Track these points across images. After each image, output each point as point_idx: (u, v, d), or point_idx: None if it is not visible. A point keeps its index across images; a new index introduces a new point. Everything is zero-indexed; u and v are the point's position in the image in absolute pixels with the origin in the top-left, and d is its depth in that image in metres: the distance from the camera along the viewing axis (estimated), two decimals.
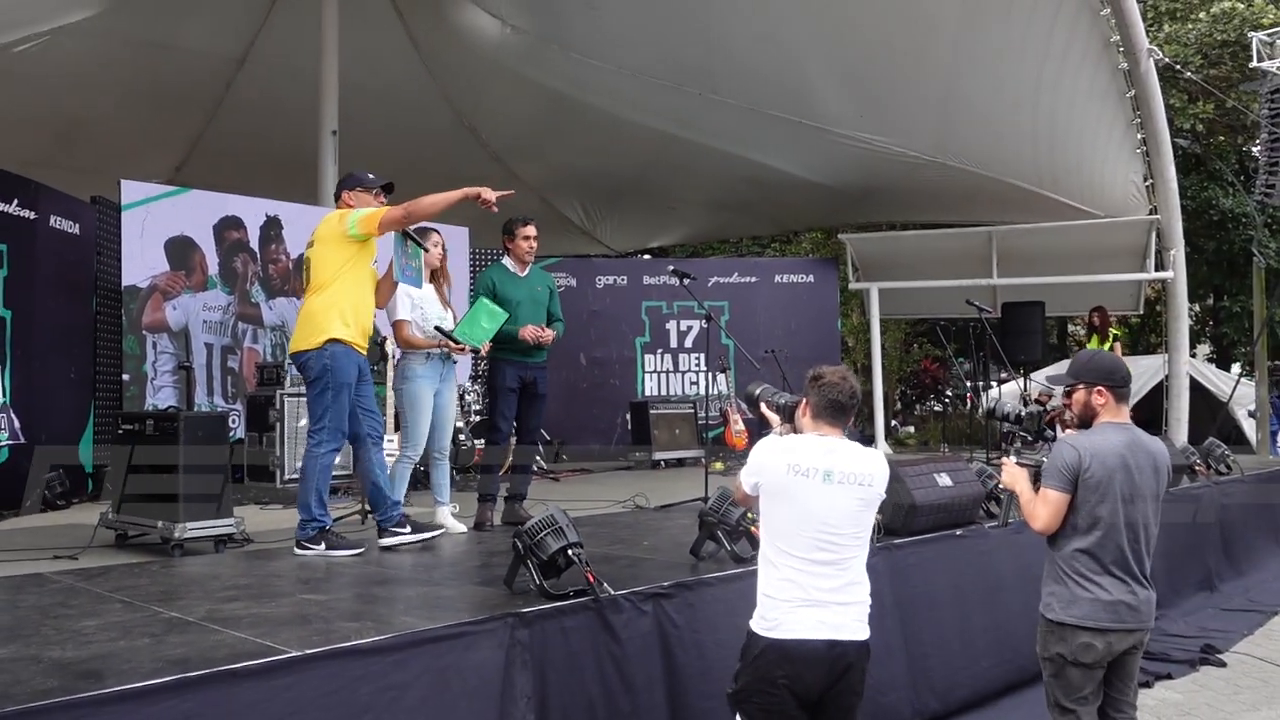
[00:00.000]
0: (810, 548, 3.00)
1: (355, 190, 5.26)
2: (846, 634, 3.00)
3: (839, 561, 3.02)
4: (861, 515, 3.08)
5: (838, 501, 3.02)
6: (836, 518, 3.01)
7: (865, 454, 3.13)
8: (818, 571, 2.99)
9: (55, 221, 8.17)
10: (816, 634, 2.95)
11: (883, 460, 3.15)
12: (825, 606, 2.98)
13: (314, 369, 4.94)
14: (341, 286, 4.98)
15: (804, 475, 3.03)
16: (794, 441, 3.16)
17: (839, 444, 3.12)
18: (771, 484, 3.09)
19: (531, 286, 6.17)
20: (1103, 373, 3.49)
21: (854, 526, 3.05)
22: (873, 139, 11.73)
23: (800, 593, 2.98)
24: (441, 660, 3.15)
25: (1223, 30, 16.39)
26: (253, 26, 11.31)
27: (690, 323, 13.29)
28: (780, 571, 3.02)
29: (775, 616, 3.00)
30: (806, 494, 3.02)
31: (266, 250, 9.91)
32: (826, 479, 3.02)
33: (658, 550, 5.07)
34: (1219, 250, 17.92)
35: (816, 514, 3.00)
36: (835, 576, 3.01)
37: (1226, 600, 7.55)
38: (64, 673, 2.74)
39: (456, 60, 12.23)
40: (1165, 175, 11.52)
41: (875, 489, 3.09)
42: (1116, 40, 10.35)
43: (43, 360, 7.87)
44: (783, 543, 3.04)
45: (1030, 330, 12.34)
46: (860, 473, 3.06)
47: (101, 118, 11.35)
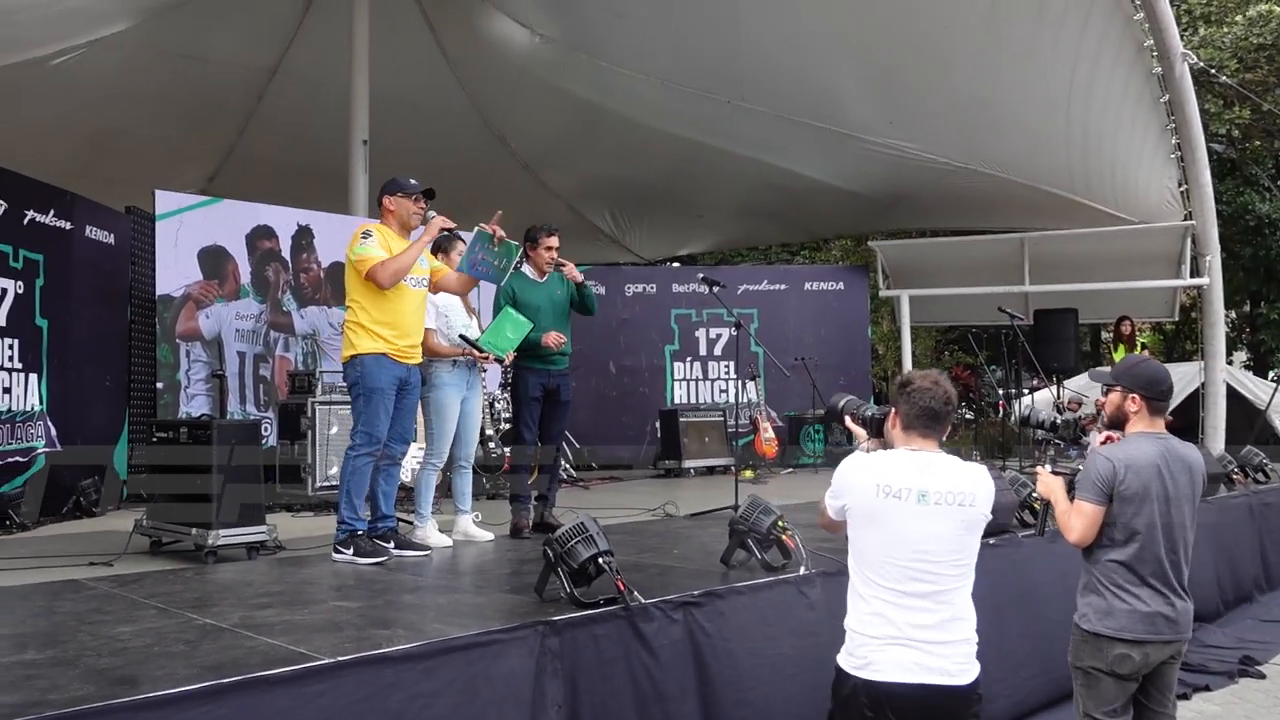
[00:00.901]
0: (903, 578, 2.70)
1: (396, 195, 5.28)
2: (945, 678, 2.67)
3: (937, 594, 2.70)
4: (963, 540, 2.75)
5: (934, 525, 2.71)
6: (933, 544, 2.70)
7: (965, 470, 2.82)
8: (912, 605, 2.69)
9: (91, 232, 8.28)
10: (911, 677, 2.65)
11: (986, 477, 2.83)
12: (921, 646, 2.67)
13: (349, 378, 5.16)
14: (368, 300, 5.08)
15: (896, 496, 2.73)
16: (883, 458, 2.87)
17: (935, 459, 2.81)
18: (859, 507, 2.80)
19: (550, 291, 6.17)
20: (1143, 381, 3.42)
21: (954, 554, 2.73)
22: (903, 145, 11.67)
23: (891, 629, 2.68)
24: (472, 668, 3.15)
25: (1259, 34, 16.21)
26: (284, 38, 11.42)
27: (720, 330, 13.27)
28: (869, 605, 2.74)
29: (864, 654, 2.73)
30: (899, 518, 2.71)
31: (298, 259, 9.98)
32: (921, 500, 2.71)
33: (688, 558, 5.05)
34: (1255, 256, 17.69)
35: (910, 540, 2.70)
36: (933, 611, 2.69)
37: (1266, 611, 7.44)
38: (99, 679, 2.76)
39: (486, 69, 12.29)
40: (1200, 180, 11.38)
41: (978, 509, 2.76)
42: (1150, 44, 10.24)
43: (78, 369, 7.97)
44: (872, 573, 2.75)
45: (1063, 338, 12.22)
46: (960, 491, 2.75)
47: (136, 129, 11.48)
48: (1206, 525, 6.95)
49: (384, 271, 5.02)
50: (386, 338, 5.09)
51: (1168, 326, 20.22)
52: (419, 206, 5.30)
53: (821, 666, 4.13)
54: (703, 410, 12.41)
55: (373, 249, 5.05)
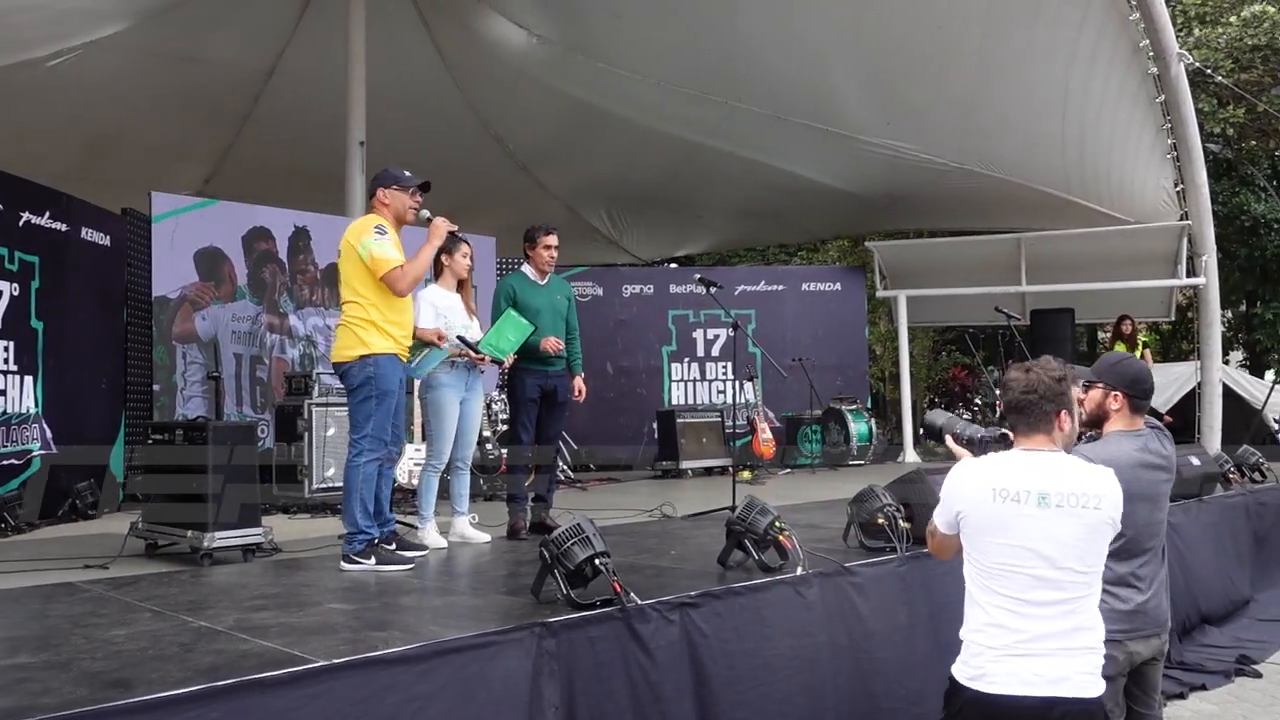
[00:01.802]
0: (1025, 586, 2.54)
1: (391, 188, 5.09)
2: (1069, 689, 2.50)
3: (1062, 602, 2.54)
4: (1089, 545, 2.57)
5: (1058, 529, 2.53)
6: (1057, 548, 2.53)
7: (1089, 471, 2.64)
8: (1034, 614, 2.53)
9: (87, 234, 8.26)
10: (1031, 690, 2.50)
11: (1112, 478, 2.64)
12: (1043, 657, 2.51)
13: (356, 378, 4.89)
14: (380, 297, 4.91)
15: (1014, 500, 2.56)
16: (996, 461, 2.70)
17: (1053, 459, 2.64)
18: (975, 516, 2.63)
19: (551, 295, 6.15)
20: (1126, 379, 3.40)
21: (1080, 559, 2.55)
22: (899, 146, 11.68)
23: (1011, 638, 2.53)
24: (468, 670, 3.14)
25: (1253, 34, 16.24)
26: (280, 39, 11.41)
27: (717, 331, 13.28)
28: (987, 614, 2.59)
29: (980, 665, 2.58)
30: (1018, 522, 2.55)
31: (295, 261, 9.98)
32: (1042, 502, 2.54)
33: (685, 559, 5.04)
34: (1251, 256, 17.72)
35: (1031, 546, 2.54)
36: (1058, 620, 2.53)
37: (1262, 610, 7.43)
38: (93, 682, 2.75)
39: (483, 70, 12.29)
40: (1196, 181, 11.41)
41: (1104, 512, 2.58)
42: (1145, 45, 10.26)
43: (74, 371, 7.95)
44: (990, 580, 2.59)
45: (1060, 337, 12.23)
46: (1083, 493, 2.57)
47: (132, 130, 11.48)
48: (1204, 524, 6.99)
49: (405, 280, 4.91)
50: (397, 337, 4.97)
51: (1164, 326, 20.23)
52: (415, 201, 5.13)
53: (818, 667, 4.15)
54: (700, 411, 12.41)
55: (390, 250, 4.89)
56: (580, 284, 12.96)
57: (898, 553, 4.73)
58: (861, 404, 12.81)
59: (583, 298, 12.82)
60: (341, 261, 5.05)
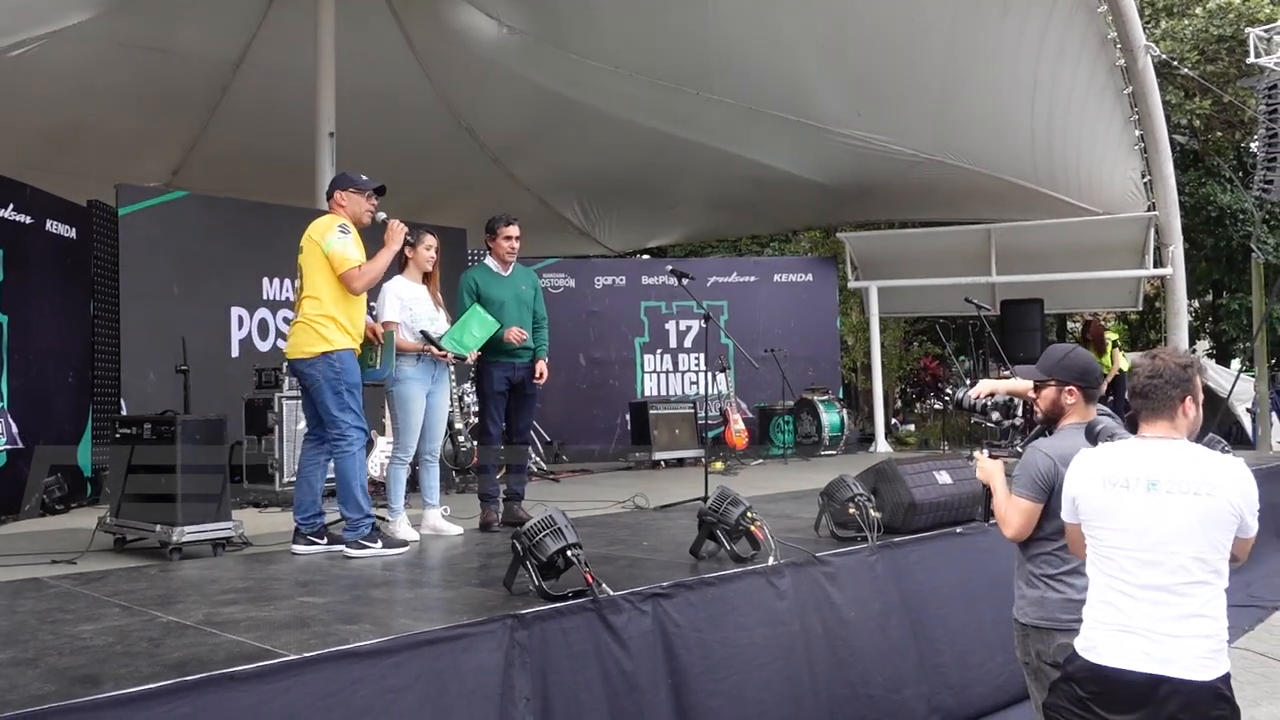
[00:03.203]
0: (1136, 568, 2.56)
1: (348, 191, 5.22)
2: (1178, 669, 2.48)
3: (1175, 587, 2.52)
4: (1205, 533, 2.51)
5: (1167, 514, 2.53)
6: (1168, 534, 2.52)
7: (1205, 457, 2.60)
8: (1145, 597, 2.54)
9: (52, 226, 8.15)
10: (1139, 665, 2.51)
11: (1236, 468, 2.57)
12: (1151, 636, 2.51)
13: (318, 377, 4.97)
14: (339, 295, 5.01)
15: (1123, 487, 2.59)
16: (1109, 449, 2.73)
17: (1170, 445, 2.63)
18: (1089, 506, 2.67)
19: (515, 286, 6.13)
20: (1075, 372, 3.39)
21: (1189, 545, 2.52)
22: (870, 137, 11.73)
23: (1122, 618, 2.57)
24: (440, 662, 3.14)
25: (1219, 26, 16.40)
26: (248, 29, 11.29)
27: (689, 322, 13.30)
28: (1101, 594, 2.64)
29: (1094, 637, 2.63)
30: (1128, 508, 2.58)
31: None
32: (1151, 489, 2.55)
33: (657, 550, 5.05)
34: (1217, 246, 17.93)
35: (1140, 530, 2.55)
36: (1170, 605, 2.52)
37: (1228, 596, 7.53)
38: (61, 677, 2.73)
39: (453, 61, 12.22)
40: (1163, 172, 11.53)
41: (1219, 499, 2.51)
42: (1113, 37, 10.35)
43: (40, 365, 7.85)
44: (1105, 564, 2.64)
45: (1029, 328, 12.34)
46: (1196, 479, 2.53)
47: (98, 122, 11.34)
48: None
49: (362, 281, 5.02)
50: (353, 335, 5.09)
51: (1132, 316, 20.46)
52: (371, 204, 5.26)
53: (792, 655, 4.18)
54: (673, 402, 12.43)
55: (352, 250, 5.01)
56: (552, 275, 12.94)
57: (869, 542, 4.76)
58: (833, 394, 12.87)
59: (555, 289, 12.81)
60: (303, 257, 5.10)
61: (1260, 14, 15.42)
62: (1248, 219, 17.16)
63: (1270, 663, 5.99)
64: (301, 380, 5.11)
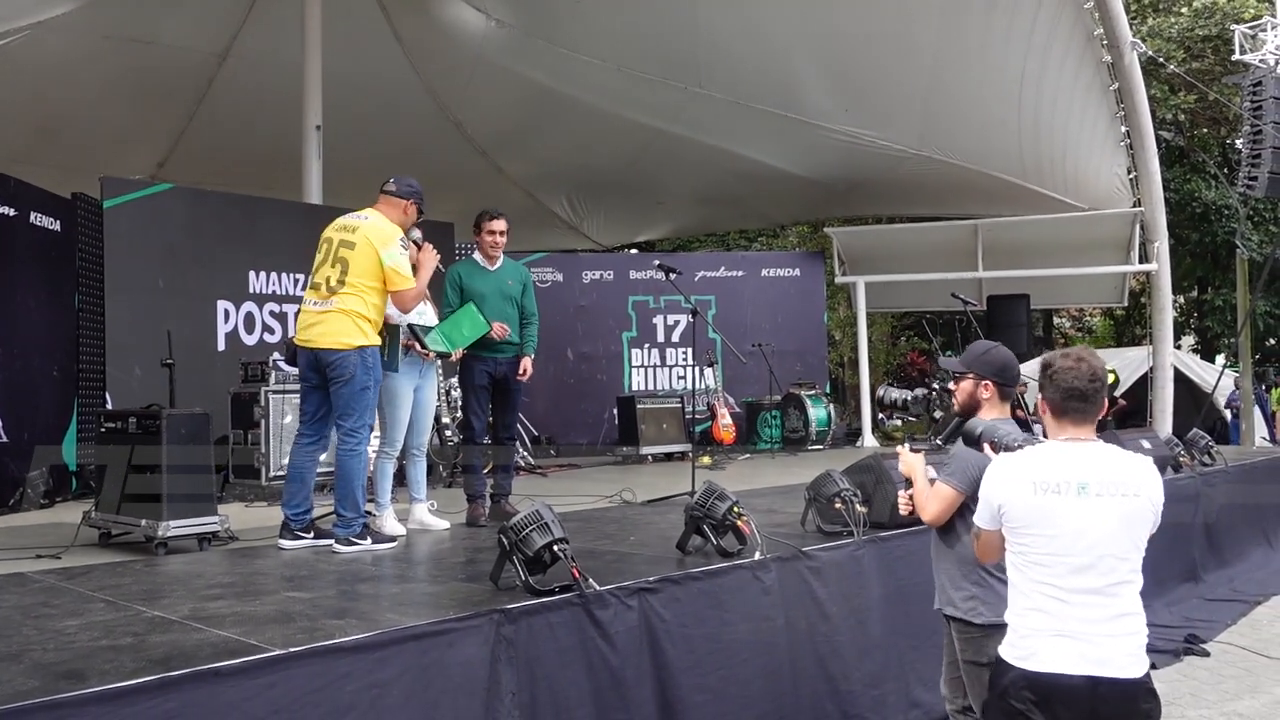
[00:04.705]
0: (1067, 573, 2.57)
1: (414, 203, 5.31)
2: (1114, 669, 2.53)
3: (1106, 589, 2.56)
4: (1130, 533, 2.58)
5: (1098, 517, 2.56)
6: (1098, 537, 2.55)
7: (1128, 459, 2.65)
8: (1079, 601, 2.56)
9: (35, 218, 8.10)
10: (1077, 669, 2.54)
11: (1151, 467, 2.67)
12: (1086, 639, 2.54)
13: (353, 367, 4.95)
14: (381, 301, 5.07)
15: (1054, 491, 2.58)
16: (1036, 453, 2.71)
17: (1093, 448, 2.65)
18: (1017, 511, 2.65)
19: (501, 280, 6.09)
20: (995, 368, 3.43)
21: (1119, 547, 2.57)
22: (858, 133, 11.75)
23: (1055, 623, 2.58)
24: (425, 657, 3.14)
25: (1205, 24, 16.50)
26: (235, 21, 11.24)
27: (677, 317, 13.30)
28: (1030, 600, 2.63)
29: (1028, 645, 2.62)
30: (1060, 513, 2.57)
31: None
32: (1082, 492, 2.57)
33: (644, 545, 5.06)
34: (1202, 242, 18.04)
35: (1073, 535, 2.56)
36: (1103, 606, 2.56)
37: (1210, 590, 7.59)
38: (45, 673, 2.72)
39: (441, 54, 12.19)
40: (1149, 168, 11.58)
41: (1144, 499, 2.59)
42: (1100, 33, 10.39)
43: (24, 359, 7.81)
44: (1033, 570, 2.63)
45: (1016, 323, 12.40)
46: (1123, 481, 2.59)
47: (82, 113, 11.27)
48: None
49: (412, 301, 5.18)
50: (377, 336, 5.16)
51: (1117, 311, 20.55)
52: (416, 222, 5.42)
53: (776, 650, 4.19)
54: (660, 397, 12.43)
55: (409, 268, 5.11)
56: (540, 270, 12.92)
57: (855, 537, 4.78)
58: (820, 389, 12.89)
59: (543, 284, 12.79)
60: (351, 253, 5.02)
61: (1245, 13, 15.50)
62: (1232, 215, 17.26)
63: (1252, 657, 6.04)
64: (329, 370, 4.99)
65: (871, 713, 4.53)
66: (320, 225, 5.35)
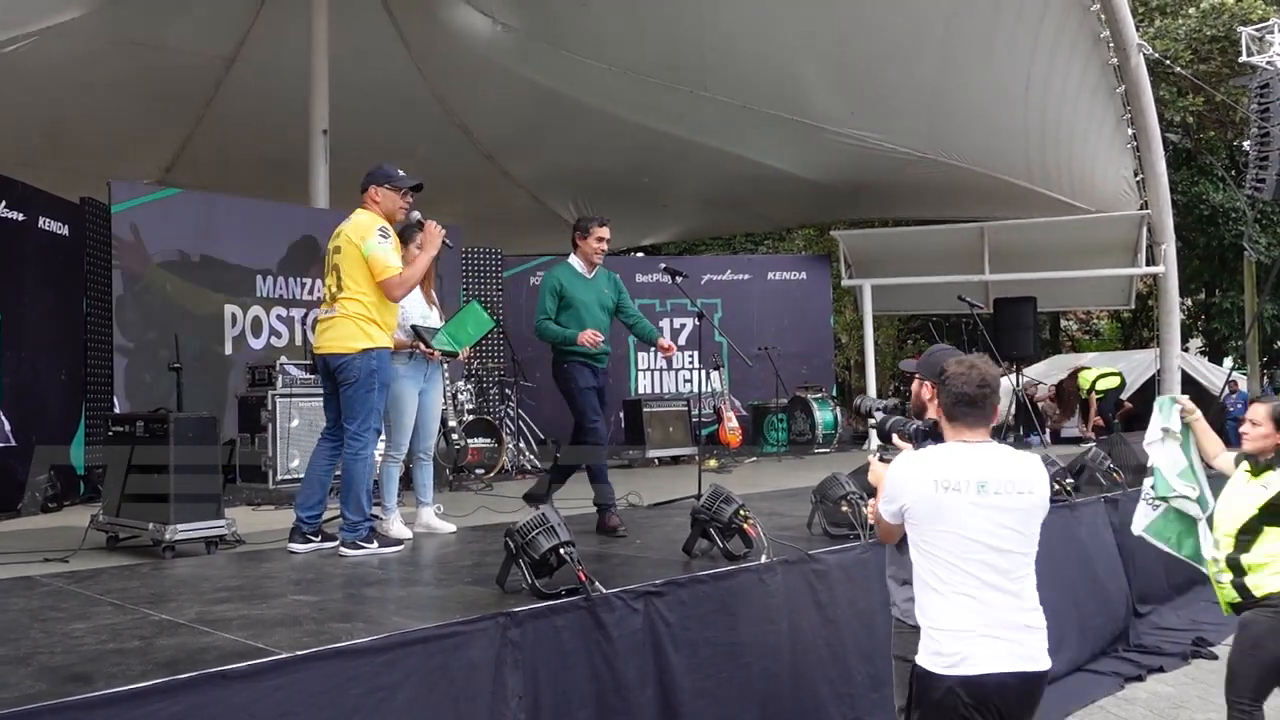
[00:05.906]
0: (978, 569, 2.66)
1: (384, 187, 5.07)
2: (1034, 664, 2.66)
3: (1010, 584, 2.68)
4: (1026, 528, 2.71)
5: (998, 515, 2.67)
6: (1000, 533, 2.67)
7: (1020, 459, 2.79)
8: (995, 600, 2.65)
9: (44, 223, 8.13)
10: (1010, 666, 2.62)
11: (1040, 465, 2.81)
12: (1008, 636, 2.64)
13: (359, 370, 4.90)
14: (379, 297, 4.95)
15: (955, 490, 2.68)
16: (936, 453, 2.81)
17: (988, 449, 2.77)
18: (918, 507, 2.74)
19: (599, 289, 5.96)
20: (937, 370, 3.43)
21: (1019, 542, 2.70)
22: (864, 136, 11.75)
23: (979, 621, 2.64)
24: (432, 660, 3.14)
25: (1212, 25, 16.46)
26: (242, 26, 11.28)
27: (683, 320, 13.29)
28: (949, 601, 2.68)
29: (956, 650, 2.64)
30: (962, 510, 2.67)
31: None
32: (981, 490, 2.67)
33: (650, 548, 5.06)
34: (1210, 245, 17.99)
35: (976, 533, 2.66)
36: (1015, 602, 2.67)
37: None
38: (53, 676, 2.73)
39: (447, 58, 12.22)
40: (1156, 170, 11.56)
41: (1037, 496, 2.73)
42: (1106, 35, 10.38)
43: (33, 362, 7.84)
44: (945, 570, 2.69)
45: (1022, 325, 12.38)
46: (1018, 479, 2.71)
47: (90, 118, 11.31)
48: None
49: (402, 289, 5.01)
50: (389, 336, 5.06)
51: (1125, 314, 20.50)
52: (406, 201, 5.16)
53: (779, 654, 4.19)
54: (666, 400, 12.42)
55: (392, 256, 4.94)
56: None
57: (861, 540, 4.77)
58: (827, 392, 12.89)
59: None
60: (340, 257, 5.00)
61: (1253, 14, 15.47)
62: (1240, 218, 17.21)
63: None
64: (336, 375, 4.97)
65: (872, 716, 4.52)
66: (327, 229, 5.36)
